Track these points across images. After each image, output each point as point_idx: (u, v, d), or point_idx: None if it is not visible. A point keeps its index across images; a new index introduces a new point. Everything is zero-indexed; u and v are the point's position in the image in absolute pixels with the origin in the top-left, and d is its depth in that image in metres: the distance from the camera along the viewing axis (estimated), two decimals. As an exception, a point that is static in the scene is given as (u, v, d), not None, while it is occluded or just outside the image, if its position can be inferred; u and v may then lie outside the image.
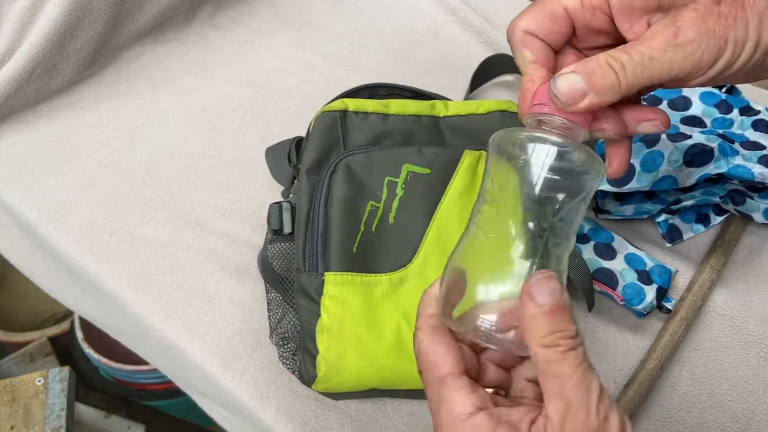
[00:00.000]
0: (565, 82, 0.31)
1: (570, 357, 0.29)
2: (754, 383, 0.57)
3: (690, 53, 0.30)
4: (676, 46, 0.30)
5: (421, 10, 0.92)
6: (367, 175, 0.51)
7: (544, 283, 0.30)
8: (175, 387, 0.69)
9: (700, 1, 0.31)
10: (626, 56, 0.31)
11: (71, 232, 0.64)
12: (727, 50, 0.30)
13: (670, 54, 0.30)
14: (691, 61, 0.30)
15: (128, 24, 0.80)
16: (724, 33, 0.30)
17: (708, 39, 0.30)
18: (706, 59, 0.30)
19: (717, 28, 0.30)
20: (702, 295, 0.60)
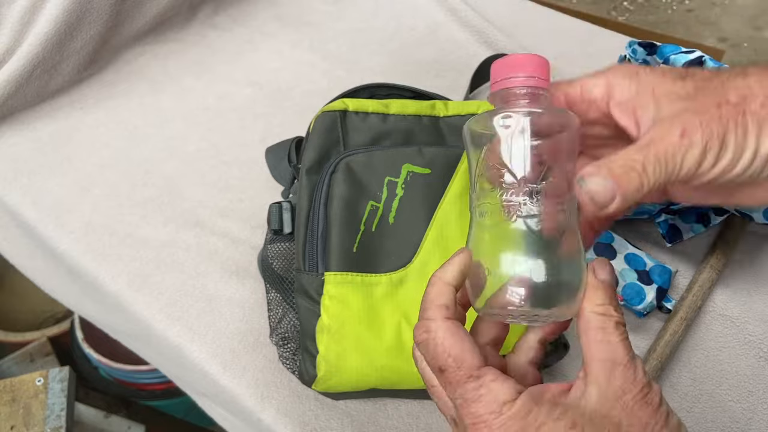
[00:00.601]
0: (598, 186, 0.31)
1: (621, 328, 0.32)
2: (754, 383, 0.57)
3: (698, 154, 0.31)
4: (688, 146, 0.31)
5: (421, 10, 0.92)
6: (367, 175, 0.51)
7: (604, 263, 0.34)
8: (175, 387, 0.69)
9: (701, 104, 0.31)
10: (644, 157, 0.31)
11: (71, 232, 0.64)
12: (727, 153, 0.31)
13: (682, 153, 0.31)
14: (698, 161, 0.31)
15: (128, 24, 0.80)
16: (725, 137, 0.31)
17: (712, 141, 0.31)
18: (709, 160, 0.31)
19: (719, 130, 0.31)
20: (702, 295, 0.60)
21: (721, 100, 0.31)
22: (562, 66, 0.84)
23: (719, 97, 0.31)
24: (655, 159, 0.31)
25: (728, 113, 0.31)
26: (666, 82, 0.33)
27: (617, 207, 0.31)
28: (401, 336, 0.49)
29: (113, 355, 1.03)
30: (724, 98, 0.31)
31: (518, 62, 0.34)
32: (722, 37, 2.17)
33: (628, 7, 2.31)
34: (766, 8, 2.28)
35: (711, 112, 0.31)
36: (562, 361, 0.57)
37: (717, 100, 0.31)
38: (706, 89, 0.32)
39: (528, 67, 0.34)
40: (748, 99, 0.31)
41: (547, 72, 0.35)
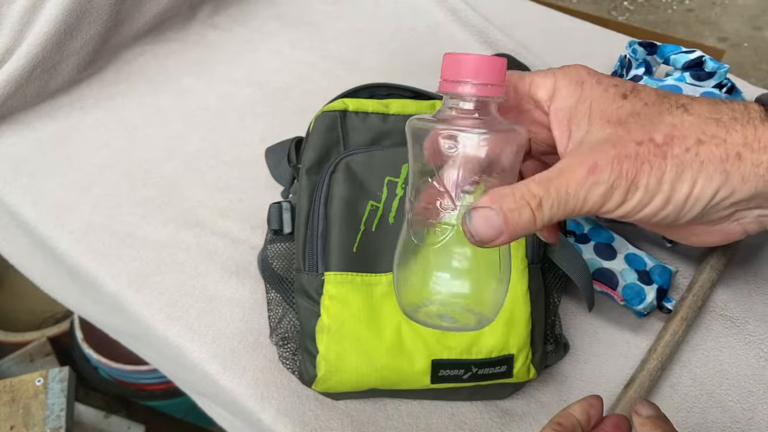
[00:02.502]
0: (482, 220, 0.30)
1: None
2: (754, 383, 0.57)
3: (603, 193, 0.29)
4: (593, 184, 0.29)
5: (421, 10, 0.91)
6: (367, 174, 0.51)
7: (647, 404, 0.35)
8: (174, 387, 0.69)
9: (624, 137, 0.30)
10: (544, 192, 0.30)
11: (71, 232, 0.64)
12: (636, 194, 0.29)
13: (586, 190, 0.30)
14: (602, 200, 0.30)
15: (128, 24, 0.80)
16: (636, 177, 0.29)
17: (620, 180, 0.29)
18: (615, 200, 0.30)
19: (630, 170, 0.29)
20: (702, 295, 0.60)
21: (645, 138, 0.30)
22: (562, 66, 0.84)
23: (646, 132, 0.30)
24: (555, 195, 0.30)
25: (647, 153, 0.29)
26: (606, 100, 0.32)
27: (502, 242, 0.30)
28: (401, 336, 0.49)
29: (113, 355, 1.03)
30: (649, 136, 0.30)
31: (472, 65, 0.32)
32: (722, 36, 2.17)
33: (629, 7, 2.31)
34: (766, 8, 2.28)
35: (629, 149, 0.29)
36: (562, 361, 0.57)
37: (641, 137, 0.30)
38: (640, 117, 0.31)
39: (481, 72, 0.32)
40: (676, 140, 0.29)
41: (503, 77, 0.33)
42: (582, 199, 0.30)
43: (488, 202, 0.30)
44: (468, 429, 0.53)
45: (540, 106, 0.34)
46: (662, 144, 0.29)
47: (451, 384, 0.50)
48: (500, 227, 0.30)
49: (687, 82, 0.68)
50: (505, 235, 0.30)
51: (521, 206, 0.30)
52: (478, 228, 0.30)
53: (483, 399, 0.54)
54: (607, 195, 0.29)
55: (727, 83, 0.69)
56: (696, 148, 0.29)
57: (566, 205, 0.30)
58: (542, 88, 0.34)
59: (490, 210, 0.30)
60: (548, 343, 0.54)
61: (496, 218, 0.30)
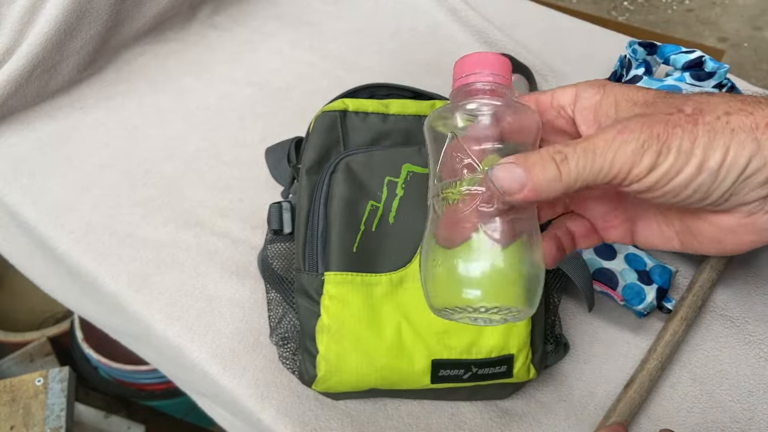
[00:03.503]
0: (504, 172, 0.30)
1: None
2: (754, 383, 0.57)
3: (632, 151, 0.29)
4: (621, 142, 0.29)
5: (421, 10, 0.92)
6: (367, 174, 0.51)
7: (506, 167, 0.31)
8: (174, 387, 0.69)
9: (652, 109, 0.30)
10: (570, 149, 0.30)
11: (71, 232, 0.64)
12: (669, 157, 0.29)
13: (614, 149, 0.29)
14: (633, 160, 0.29)
15: (128, 24, 0.80)
16: (668, 139, 0.28)
17: (651, 140, 0.28)
18: (645, 162, 0.29)
19: (662, 133, 0.29)
20: (702, 295, 0.60)
21: (674, 109, 0.29)
22: (562, 66, 0.84)
23: (674, 106, 0.30)
24: (582, 152, 0.29)
25: (678, 120, 0.29)
26: (629, 92, 0.32)
27: (527, 197, 0.30)
28: (401, 336, 0.49)
29: (113, 355, 1.03)
30: (678, 108, 0.30)
31: (480, 61, 0.34)
32: (722, 36, 2.17)
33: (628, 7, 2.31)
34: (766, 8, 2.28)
35: (659, 117, 0.29)
36: (562, 361, 0.57)
37: (670, 109, 0.30)
38: (666, 98, 0.31)
39: (489, 65, 0.34)
40: (705, 111, 0.29)
41: (509, 71, 0.35)
42: (610, 159, 0.29)
43: (511, 159, 0.30)
44: (468, 429, 0.53)
45: (563, 112, 0.35)
46: (691, 114, 0.29)
47: (451, 384, 0.50)
48: (523, 179, 0.29)
49: (687, 82, 0.68)
50: (529, 188, 0.29)
51: (546, 160, 0.29)
52: (501, 178, 0.30)
53: (483, 399, 0.54)
54: (637, 154, 0.29)
55: (727, 83, 0.69)
56: (726, 117, 0.29)
57: (593, 163, 0.29)
58: (564, 96, 0.34)
59: (513, 164, 0.30)
60: (548, 343, 0.54)
61: (519, 171, 0.30)
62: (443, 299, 0.33)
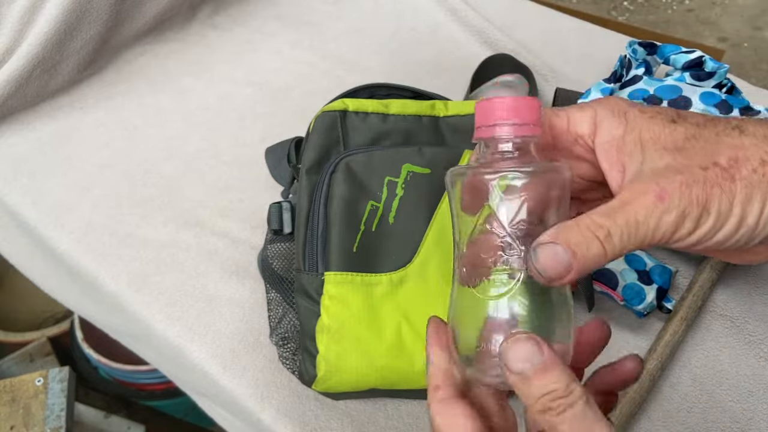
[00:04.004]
0: (549, 257, 0.29)
1: (567, 418, 0.27)
2: (754, 383, 0.57)
3: (673, 221, 0.28)
4: (663, 211, 0.28)
5: (421, 10, 0.92)
6: (367, 174, 0.51)
7: (516, 348, 0.29)
8: (174, 387, 0.69)
9: (687, 162, 0.29)
10: (611, 223, 0.28)
11: (71, 232, 0.64)
12: (708, 221, 0.28)
13: (656, 218, 0.28)
14: (675, 228, 0.28)
15: (128, 24, 0.80)
16: (707, 203, 0.28)
17: (691, 207, 0.28)
18: (687, 227, 0.28)
19: (701, 196, 0.28)
20: (702, 295, 0.60)
21: (709, 163, 0.29)
22: (562, 66, 0.84)
23: (709, 156, 0.29)
24: (625, 225, 0.28)
25: (715, 177, 0.28)
26: (655, 127, 0.31)
27: (572, 278, 0.29)
28: (401, 336, 0.49)
29: (113, 355, 1.03)
30: (713, 160, 0.29)
31: (507, 107, 0.31)
32: (722, 36, 2.17)
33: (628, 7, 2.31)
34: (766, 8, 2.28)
35: (696, 174, 0.28)
36: (562, 361, 0.57)
37: (705, 162, 0.29)
38: (697, 140, 0.30)
39: (518, 113, 0.31)
40: (740, 162, 0.29)
41: (539, 116, 0.32)
42: (653, 228, 0.28)
43: (553, 238, 0.29)
44: (468, 429, 0.53)
45: (582, 142, 0.33)
46: (728, 167, 0.29)
47: (451, 384, 0.50)
48: (569, 262, 0.28)
49: (687, 82, 0.68)
50: (574, 270, 0.28)
51: (589, 239, 0.28)
52: (546, 265, 0.29)
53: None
54: (679, 222, 0.28)
55: (727, 83, 0.69)
56: (762, 169, 0.28)
57: (636, 234, 0.28)
58: (582, 123, 0.33)
59: (555, 245, 0.29)
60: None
61: (564, 254, 0.28)
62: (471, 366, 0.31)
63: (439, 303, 0.49)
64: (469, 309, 0.32)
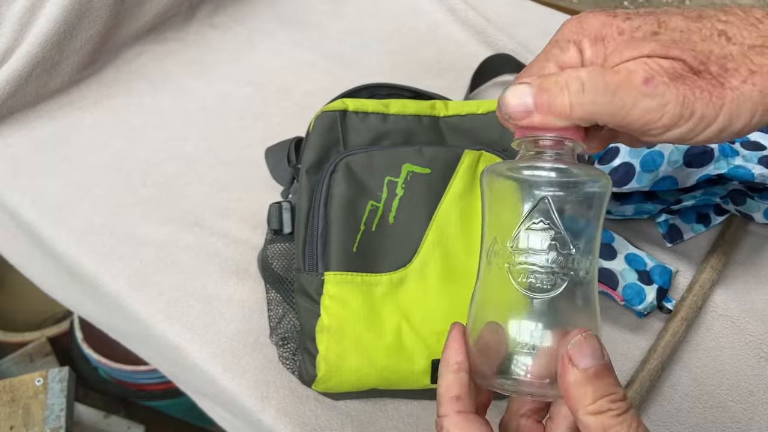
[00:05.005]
0: (513, 95, 0.28)
1: (628, 419, 0.26)
2: (754, 383, 0.57)
3: (652, 108, 0.27)
4: (644, 95, 0.27)
5: (421, 10, 0.91)
6: (367, 174, 0.51)
7: (584, 345, 0.27)
8: (174, 387, 0.68)
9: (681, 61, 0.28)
10: (590, 79, 0.27)
11: (71, 232, 0.64)
12: (689, 122, 0.27)
13: (635, 99, 0.27)
14: (649, 117, 0.27)
15: (128, 24, 0.80)
16: (692, 105, 0.27)
17: (674, 104, 0.27)
18: (663, 122, 0.27)
19: (687, 97, 0.27)
20: (702, 295, 0.60)
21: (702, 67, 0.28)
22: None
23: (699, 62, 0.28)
24: (603, 87, 0.27)
25: (704, 82, 0.27)
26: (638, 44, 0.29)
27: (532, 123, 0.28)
28: (401, 336, 0.49)
29: (113, 356, 1.03)
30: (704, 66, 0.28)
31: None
32: (722, 37, 2.17)
33: (629, 7, 2.31)
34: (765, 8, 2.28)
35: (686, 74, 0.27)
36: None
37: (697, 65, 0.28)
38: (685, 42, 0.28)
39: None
40: (730, 72, 0.27)
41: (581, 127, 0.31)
42: (629, 107, 0.27)
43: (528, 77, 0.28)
44: (468, 429, 0.53)
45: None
46: (718, 75, 0.27)
47: (451, 384, 0.50)
48: (529, 104, 0.27)
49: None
50: (535, 114, 0.27)
51: (561, 86, 0.27)
52: (508, 101, 0.28)
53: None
54: (656, 113, 0.27)
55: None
56: (752, 79, 0.27)
57: (610, 103, 0.27)
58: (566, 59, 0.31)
59: (525, 86, 0.28)
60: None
61: (527, 94, 0.27)
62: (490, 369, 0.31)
63: (439, 303, 0.49)
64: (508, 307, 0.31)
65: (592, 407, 0.27)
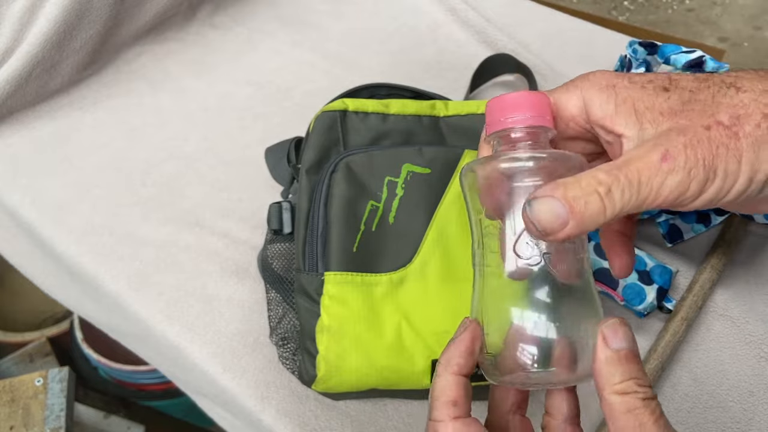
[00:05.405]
0: (544, 210, 0.27)
1: (652, 405, 0.27)
2: (755, 383, 0.56)
3: (678, 182, 0.27)
4: (668, 172, 0.27)
5: (421, 10, 0.91)
6: (367, 174, 0.51)
7: (619, 328, 0.29)
8: (174, 387, 0.68)
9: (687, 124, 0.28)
10: (612, 180, 0.27)
11: (71, 232, 0.64)
12: (716, 182, 0.27)
13: (660, 179, 0.27)
14: (678, 191, 0.27)
15: (127, 24, 0.80)
16: (713, 163, 0.27)
17: (697, 168, 0.27)
18: (693, 189, 0.27)
19: (707, 156, 0.27)
20: (703, 295, 0.60)
21: (711, 122, 0.28)
22: (562, 66, 0.84)
23: (709, 116, 0.28)
24: (627, 183, 0.27)
25: (719, 137, 0.27)
26: (647, 96, 0.30)
27: (569, 234, 0.28)
28: (401, 336, 0.49)
29: (113, 356, 1.03)
30: (714, 119, 0.28)
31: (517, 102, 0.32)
32: (722, 36, 2.17)
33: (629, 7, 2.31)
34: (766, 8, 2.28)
35: (699, 134, 0.27)
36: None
37: (706, 121, 0.28)
38: (693, 103, 0.29)
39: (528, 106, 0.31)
40: (742, 119, 0.27)
41: (549, 110, 0.32)
42: (656, 189, 0.27)
43: (550, 192, 0.28)
44: (468, 429, 0.53)
45: (573, 124, 0.32)
46: (730, 125, 0.27)
47: (452, 384, 0.50)
48: (565, 216, 0.27)
49: (687, 81, 0.68)
50: (571, 225, 0.27)
51: (588, 194, 0.27)
52: (541, 218, 0.28)
53: (483, 399, 0.54)
54: (684, 185, 0.27)
55: (728, 83, 0.69)
56: (765, 123, 0.27)
57: (639, 194, 0.27)
58: (570, 104, 0.32)
59: (552, 198, 0.27)
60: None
61: (560, 208, 0.27)
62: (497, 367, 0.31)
63: (439, 303, 0.49)
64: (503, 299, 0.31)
65: (620, 387, 0.28)
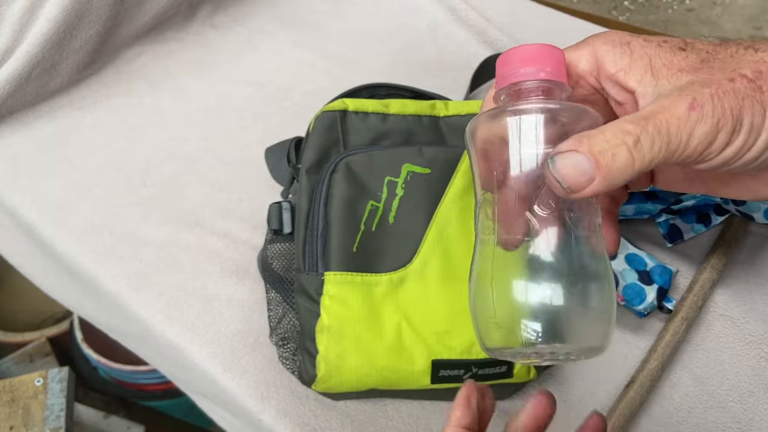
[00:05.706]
0: (568, 165, 0.26)
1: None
2: (755, 383, 0.56)
3: (707, 132, 0.26)
4: (696, 121, 0.26)
5: (421, 10, 0.91)
6: (367, 174, 0.51)
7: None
8: (174, 387, 0.68)
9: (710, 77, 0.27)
10: (641, 129, 0.26)
11: (71, 232, 0.64)
12: (741, 134, 0.26)
13: (689, 129, 0.26)
14: (708, 140, 0.26)
15: (127, 24, 0.79)
16: (740, 114, 0.26)
17: (725, 118, 0.26)
18: (720, 140, 0.26)
19: (734, 107, 0.26)
20: (703, 295, 0.60)
21: (735, 75, 0.27)
22: (563, 66, 0.84)
23: (731, 70, 0.27)
24: (656, 133, 0.26)
25: (744, 89, 0.26)
26: (663, 53, 0.28)
27: (596, 190, 0.26)
28: (401, 336, 0.49)
29: (112, 356, 1.03)
30: (738, 72, 0.27)
31: (528, 54, 0.30)
32: (723, 36, 2.17)
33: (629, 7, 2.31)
34: (766, 8, 2.28)
35: (724, 86, 0.26)
36: (563, 362, 0.57)
37: (729, 74, 0.27)
38: (712, 61, 0.28)
39: (543, 60, 0.29)
40: (765, 74, 0.27)
41: (564, 66, 0.30)
42: (685, 140, 0.26)
43: (574, 146, 0.26)
44: (468, 429, 0.53)
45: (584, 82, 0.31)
46: (754, 79, 0.27)
47: (452, 384, 0.50)
48: (591, 171, 0.26)
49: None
50: (598, 181, 0.26)
51: (615, 146, 0.26)
52: (565, 173, 0.26)
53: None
54: (712, 135, 0.26)
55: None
56: None
57: (669, 144, 0.26)
58: (581, 62, 0.30)
59: (577, 153, 0.26)
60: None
61: (586, 162, 0.26)
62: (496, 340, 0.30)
63: (440, 303, 0.49)
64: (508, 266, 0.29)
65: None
